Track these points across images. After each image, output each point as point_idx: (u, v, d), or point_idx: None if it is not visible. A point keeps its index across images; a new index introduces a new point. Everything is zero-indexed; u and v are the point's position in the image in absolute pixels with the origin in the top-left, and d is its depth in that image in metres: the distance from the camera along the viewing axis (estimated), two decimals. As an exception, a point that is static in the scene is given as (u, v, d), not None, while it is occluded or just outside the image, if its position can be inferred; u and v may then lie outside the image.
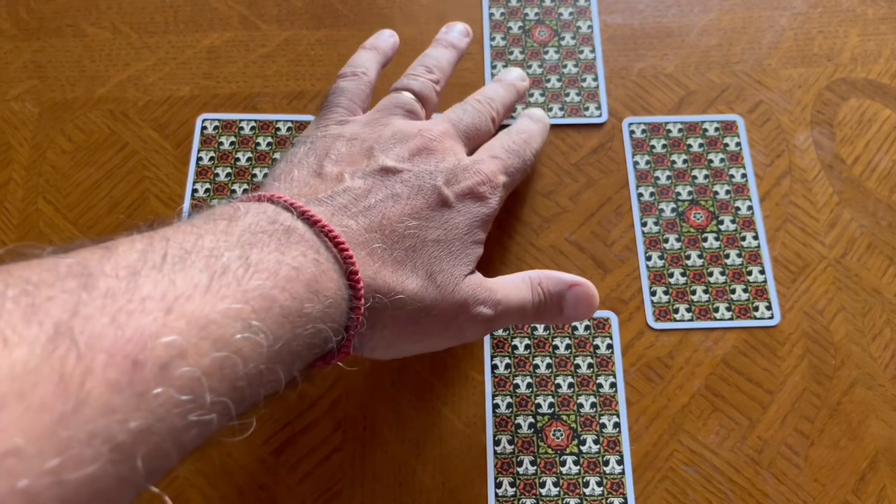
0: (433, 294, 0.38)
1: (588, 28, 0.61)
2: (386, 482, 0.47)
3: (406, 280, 0.37)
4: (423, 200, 0.40)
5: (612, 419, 0.49)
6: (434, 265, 0.39)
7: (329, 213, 0.37)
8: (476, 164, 0.43)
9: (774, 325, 0.51)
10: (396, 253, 0.37)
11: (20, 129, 0.58)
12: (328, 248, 0.34)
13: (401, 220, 0.38)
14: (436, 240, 0.39)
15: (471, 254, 0.42)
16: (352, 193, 0.38)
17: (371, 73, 0.48)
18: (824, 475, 0.47)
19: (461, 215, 0.41)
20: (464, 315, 0.40)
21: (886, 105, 0.58)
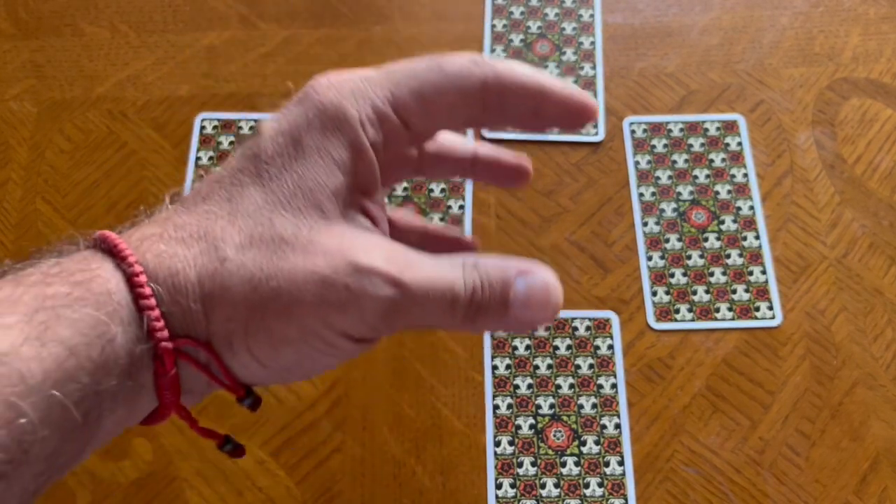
0: (262, 260, 0.27)
1: (591, 44, 0.60)
2: (385, 483, 0.47)
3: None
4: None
5: (613, 420, 0.48)
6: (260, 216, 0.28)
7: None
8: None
9: (776, 326, 0.51)
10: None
11: (18, 128, 0.58)
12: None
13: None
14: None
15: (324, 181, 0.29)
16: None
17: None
18: (825, 476, 0.47)
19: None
20: (334, 292, 0.27)
21: (888, 104, 0.58)
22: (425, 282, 0.28)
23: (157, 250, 0.27)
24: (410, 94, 0.30)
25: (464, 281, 0.29)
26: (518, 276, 0.30)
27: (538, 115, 0.31)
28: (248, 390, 0.29)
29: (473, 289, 0.29)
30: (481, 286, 0.29)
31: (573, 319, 0.51)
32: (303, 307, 0.27)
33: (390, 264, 0.28)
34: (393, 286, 0.28)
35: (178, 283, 0.27)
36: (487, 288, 0.29)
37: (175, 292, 0.27)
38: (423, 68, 0.30)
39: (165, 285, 0.27)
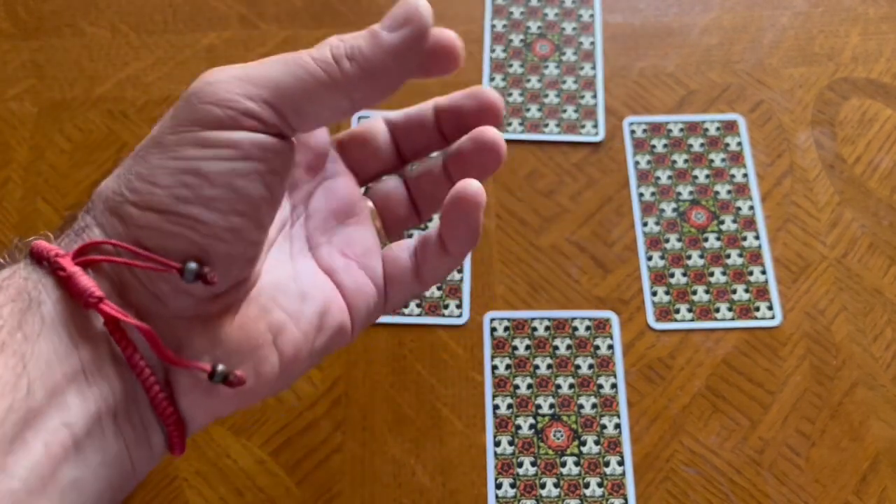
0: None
1: (591, 44, 0.60)
2: (385, 483, 0.47)
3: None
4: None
5: (613, 420, 0.48)
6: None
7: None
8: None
9: (776, 326, 0.51)
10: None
11: (19, 128, 0.58)
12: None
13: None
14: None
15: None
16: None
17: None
18: (825, 476, 0.47)
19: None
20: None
21: (887, 104, 0.58)
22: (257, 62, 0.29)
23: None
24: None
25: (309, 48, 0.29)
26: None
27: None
28: (188, 264, 0.27)
29: (328, 44, 0.29)
30: (336, 38, 0.29)
31: (573, 319, 0.51)
32: (153, 137, 0.28)
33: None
34: (212, 72, 0.29)
35: (70, 228, 0.28)
36: (344, 36, 0.30)
37: (69, 231, 0.28)
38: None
39: (60, 235, 0.28)
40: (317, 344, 0.31)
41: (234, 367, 0.29)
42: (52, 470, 0.24)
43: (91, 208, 0.28)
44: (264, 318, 0.30)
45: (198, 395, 0.28)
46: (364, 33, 0.29)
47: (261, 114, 0.28)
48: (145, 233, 0.27)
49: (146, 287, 0.27)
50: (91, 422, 0.26)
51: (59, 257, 0.26)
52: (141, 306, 0.27)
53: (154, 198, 0.27)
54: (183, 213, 0.27)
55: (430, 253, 0.34)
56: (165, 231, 0.27)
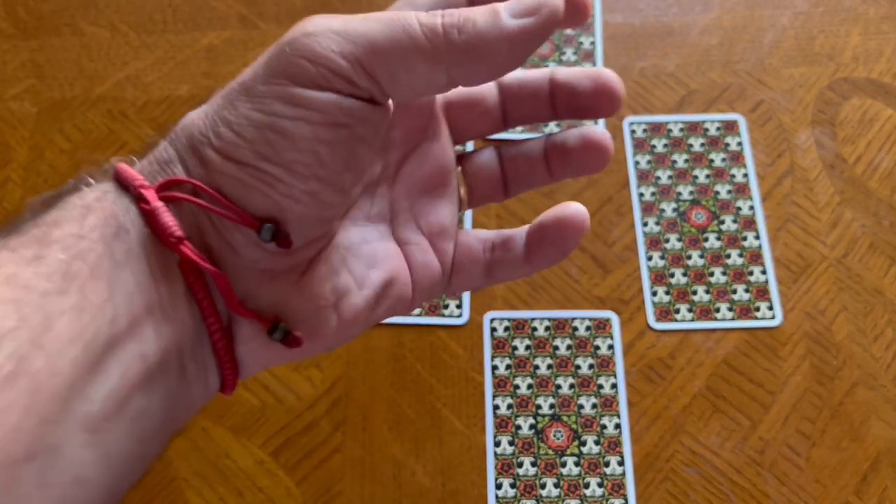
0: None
1: (591, 44, 0.60)
2: (385, 483, 0.47)
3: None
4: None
5: (613, 420, 0.48)
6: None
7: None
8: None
9: (776, 326, 0.51)
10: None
11: (18, 128, 0.58)
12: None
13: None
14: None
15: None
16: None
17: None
18: (826, 476, 0.47)
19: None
20: (276, 47, 0.28)
21: (888, 104, 0.58)
22: (363, 15, 0.27)
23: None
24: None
25: (424, 8, 0.28)
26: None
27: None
28: (265, 223, 0.27)
29: (443, 10, 0.27)
30: (455, 5, 0.28)
31: (573, 319, 0.51)
32: (244, 82, 0.27)
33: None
34: (312, 20, 0.27)
35: (154, 155, 0.28)
36: (463, 7, 0.27)
37: (153, 160, 0.28)
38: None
39: (144, 163, 0.28)
40: (376, 312, 0.31)
41: (294, 324, 0.29)
42: (126, 397, 0.25)
43: (174, 140, 0.28)
44: (331, 280, 0.30)
45: (255, 346, 0.29)
46: (484, 9, 0.27)
47: (353, 76, 0.26)
48: (225, 180, 0.27)
49: (221, 234, 0.28)
50: (162, 355, 0.26)
51: (144, 188, 0.26)
52: (214, 250, 0.28)
53: (237, 149, 0.27)
54: (263, 170, 0.27)
55: (510, 258, 0.33)
56: (245, 183, 0.27)
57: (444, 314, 0.51)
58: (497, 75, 0.28)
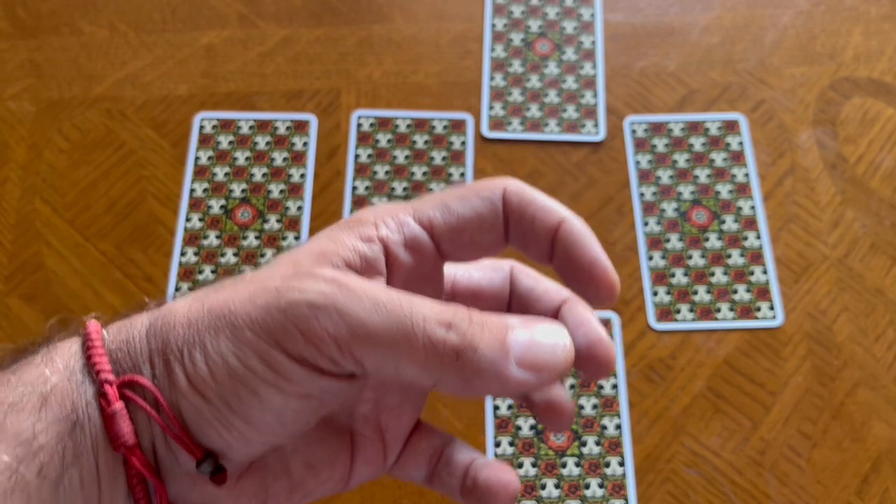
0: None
1: (591, 44, 0.60)
2: (385, 483, 0.47)
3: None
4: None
5: (614, 420, 0.48)
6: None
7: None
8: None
9: (777, 326, 0.51)
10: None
11: (17, 128, 0.57)
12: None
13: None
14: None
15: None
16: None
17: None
18: (827, 477, 0.47)
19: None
20: (262, 294, 0.26)
21: (889, 104, 0.58)
22: (376, 291, 0.25)
23: (117, 327, 0.28)
24: (433, 207, 0.28)
25: (433, 309, 0.25)
26: (516, 326, 0.26)
27: (552, 258, 0.28)
28: (208, 454, 0.27)
29: (451, 320, 0.25)
30: (467, 319, 0.25)
31: (574, 320, 0.51)
32: (234, 315, 0.26)
33: (336, 271, 0.26)
34: (327, 283, 0.25)
35: (128, 337, 0.28)
36: (476, 321, 0.25)
37: (125, 344, 0.27)
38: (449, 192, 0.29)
39: (115, 342, 0.28)
40: (300, 501, 0.31)
41: None
42: None
43: (151, 335, 0.27)
44: (265, 487, 0.30)
45: None
46: (493, 340, 0.25)
47: (340, 360, 0.25)
48: (186, 405, 0.27)
49: (168, 445, 0.28)
50: None
51: (107, 384, 0.27)
52: (157, 453, 0.28)
53: (205, 386, 0.26)
54: (224, 415, 0.26)
55: (448, 483, 0.31)
56: (203, 417, 0.27)
57: (444, 314, 0.51)
58: (476, 397, 0.27)
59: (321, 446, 0.30)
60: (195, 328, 0.27)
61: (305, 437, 0.30)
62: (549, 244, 0.28)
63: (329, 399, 0.27)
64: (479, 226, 0.28)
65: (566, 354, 0.25)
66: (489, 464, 0.31)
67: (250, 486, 0.29)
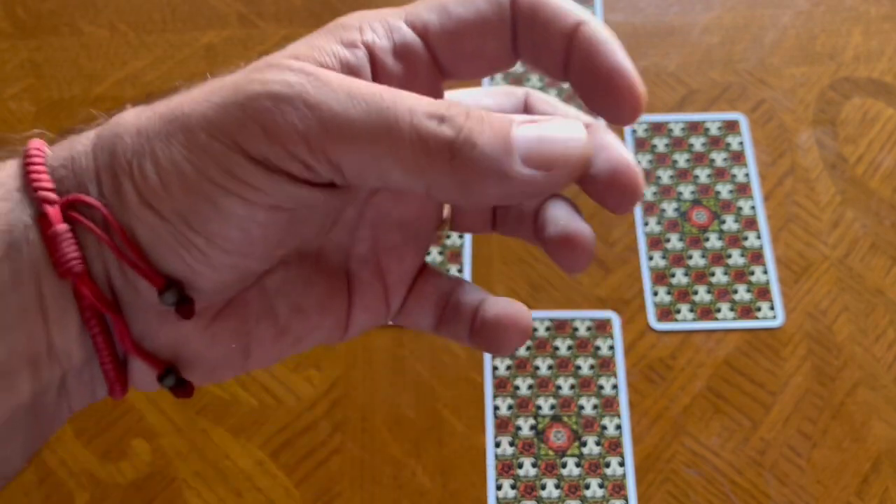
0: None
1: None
2: (385, 484, 0.47)
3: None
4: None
5: (614, 420, 0.48)
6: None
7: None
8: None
9: (777, 326, 0.51)
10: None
11: (17, 128, 0.57)
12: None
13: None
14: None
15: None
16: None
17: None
18: (827, 477, 0.47)
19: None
20: (218, 93, 0.24)
21: (889, 104, 0.58)
22: (352, 82, 0.22)
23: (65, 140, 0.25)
24: (429, 10, 0.24)
25: (421, 101, 0.21)
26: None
27: (568, 70, 0.24)
28: (171, 282, 0.24)
29: (444, 113, 0.21)
30: (463, 112, 0.21)
31: (574, 320, 0.51)
32: (187, 117, 0.22)
33: (306, 63, 0.22)
34: (294, 72, 0.22)
35: (73, 154, 0.24)
36: (474, 116, 0.21)
37: (69, 161, 0.24)
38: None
39: (59, 159, 0.24)
40: (292, 351, 0.28)
41: (193, 367, 0.26)
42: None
43: (98, 147, 0.24)
44: (245, 330, 0.26)
45: (149, 381, 0.26)
46: (496, 131, 0.21)
47: (312, 162, 0.22)
48: (139, 224, 0.23)
49: (125, 273, 0.24)
50: (34, 396, 0.24)
51: (48, 203, 0.23)
52: (114, 284, 0.24)
53: (157, 199, 0.23)
54: (181, 232, 0.23)
55: (455, 329, 0.28)
56: (159, 236, 0.23)
57: (445, 314, 0.51)
58: (482, 207, 0.24)
59: (311, 287, 0.27)
60: (145, 136, 0.23)
61: (291, 277, 0.26)
62: (564, 52, 0.23)
63: (305, 214, 0.23)
64: (483, 31, 0.23)
65: (582, 149, 0.22)
66: (499, 301, 0.27)
67: (228, 326, 0.26)
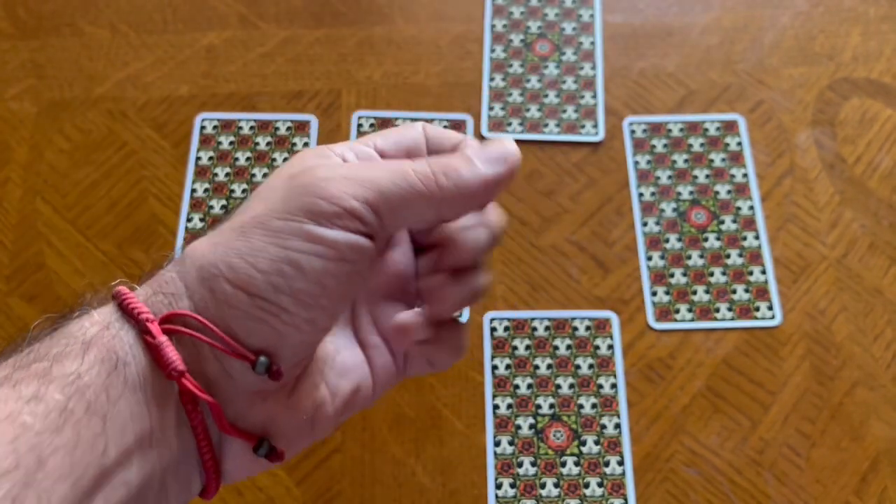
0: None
1: (590, 45, 0.60)
2: (386, 483, 0.47)
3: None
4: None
5: (613, 420, 0.48)
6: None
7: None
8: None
9: (776, 326, 0.51)
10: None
11: (18, 128, 0.58)
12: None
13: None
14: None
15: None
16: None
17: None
18: (826, 476, 0.47)
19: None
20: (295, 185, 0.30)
21: (888, 104, 0.58)
22: (368, 162, 0.31)
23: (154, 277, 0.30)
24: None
25: (409, 162, 0.31)
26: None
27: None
28: (260, 355, 0.29)
29: (426, 163, 0.31)
30: (431, 160, 0.31)
31: (573, 319, 0.51)
32: (258, 218, 0.29)
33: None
34: (327, 167, 0.30)
35: (160, 283, 0.29)
36: (433, 159, 0.31)
37: (160, 289, 0.29)
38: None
39: (148, 293, 0.29)
40: (343, 416, 0.33)
41: (278, 438, 0.31)
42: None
43: (183, 273, 0.29)
44: (312, 396, 0.32)
45: (242, 461, 0.31)
46: (459, 157, 0.31)
47: (363, 214, 0.29)
48: (233, 313, 0.28)
49: (220, 362, 0.29)
50: (146, 479, 0.27)
51: (149, 322, 0.28)
52: (210, 376, 0.29)
53: (251, 280, 0.28)
54: (272, 301, 0.28)
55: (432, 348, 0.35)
56: (252, 316, 0.28)
57: (444, 314, 0.51)
58: (474, 210, 0.32)
59: (345, 353, 0.33)
60: (223, 245, 0.29)
61: (333, 349, 0.33)
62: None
63: (358, 260, 0.29)
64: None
65: (512, 145, 0.31)
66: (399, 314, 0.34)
67: (302, 398, 0.31)
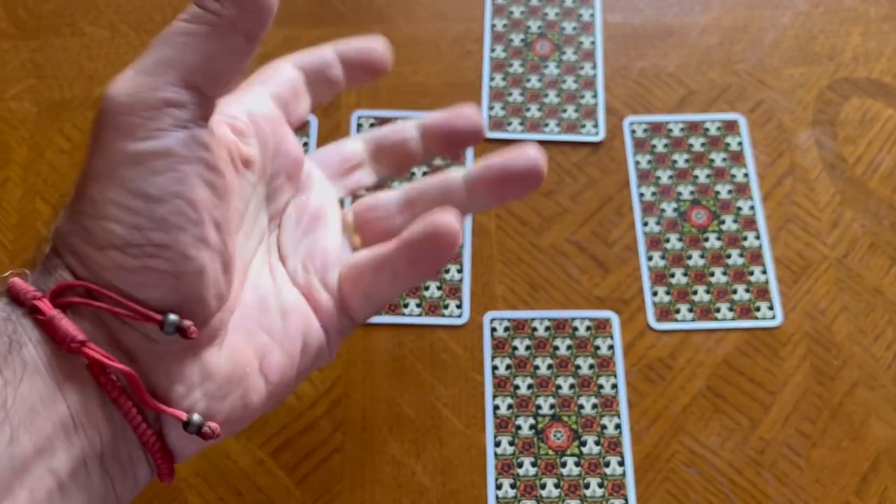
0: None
1: (591, 44, 0.60)
2: (385, 483, 0.47)
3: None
4: None
5: (614, 420, 0.48)
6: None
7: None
8: None
9: (776, 326, 0.51)
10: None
11: (18, 128, 0.58)
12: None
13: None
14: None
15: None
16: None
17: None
18: (826, 476, 0.47)
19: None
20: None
21: (889, 104, 0.58)
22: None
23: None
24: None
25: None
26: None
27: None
28: (167, 319, 0.26)
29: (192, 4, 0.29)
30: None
31: (573, 319, 0.51)
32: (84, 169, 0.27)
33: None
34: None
35: (47, 262, 0.27)
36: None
37: (44, 268, 0.27)
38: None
39: (35, 274, 0.27)
40: (301, 366, 0.31)
41: (224, 397, 0.28)
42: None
43: (56, 247, 0.27)
44: (250, 343, 0.29)
45: (185, 433, 0.28)
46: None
47: (178, 97, 0.26)
48: (111, 274, 0.26)
49: (135, 329, 0.27)
50: (76, 465, 0.25)
51: (36, 300, 0.25)
52: (126, 344, 0.27)
53: (109, 234, 0.25)
54: (143, 242, 0.25)
55: (385, 276, 0.32)
56: (130, 268, 0.25)
57: (444, 314, 0.51)
58: (271, 11, 0.31)
59: (282, 295, 0.32)
60: (73, 211, 0.26)
61: (264, 293, 0.31)
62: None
63: (205, 155, 0.27)
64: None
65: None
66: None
67: (238, 347, 0.29)
